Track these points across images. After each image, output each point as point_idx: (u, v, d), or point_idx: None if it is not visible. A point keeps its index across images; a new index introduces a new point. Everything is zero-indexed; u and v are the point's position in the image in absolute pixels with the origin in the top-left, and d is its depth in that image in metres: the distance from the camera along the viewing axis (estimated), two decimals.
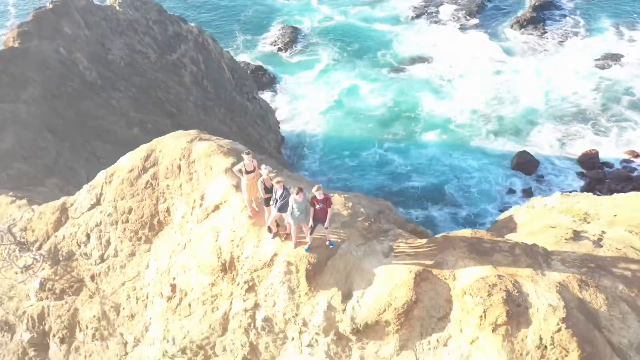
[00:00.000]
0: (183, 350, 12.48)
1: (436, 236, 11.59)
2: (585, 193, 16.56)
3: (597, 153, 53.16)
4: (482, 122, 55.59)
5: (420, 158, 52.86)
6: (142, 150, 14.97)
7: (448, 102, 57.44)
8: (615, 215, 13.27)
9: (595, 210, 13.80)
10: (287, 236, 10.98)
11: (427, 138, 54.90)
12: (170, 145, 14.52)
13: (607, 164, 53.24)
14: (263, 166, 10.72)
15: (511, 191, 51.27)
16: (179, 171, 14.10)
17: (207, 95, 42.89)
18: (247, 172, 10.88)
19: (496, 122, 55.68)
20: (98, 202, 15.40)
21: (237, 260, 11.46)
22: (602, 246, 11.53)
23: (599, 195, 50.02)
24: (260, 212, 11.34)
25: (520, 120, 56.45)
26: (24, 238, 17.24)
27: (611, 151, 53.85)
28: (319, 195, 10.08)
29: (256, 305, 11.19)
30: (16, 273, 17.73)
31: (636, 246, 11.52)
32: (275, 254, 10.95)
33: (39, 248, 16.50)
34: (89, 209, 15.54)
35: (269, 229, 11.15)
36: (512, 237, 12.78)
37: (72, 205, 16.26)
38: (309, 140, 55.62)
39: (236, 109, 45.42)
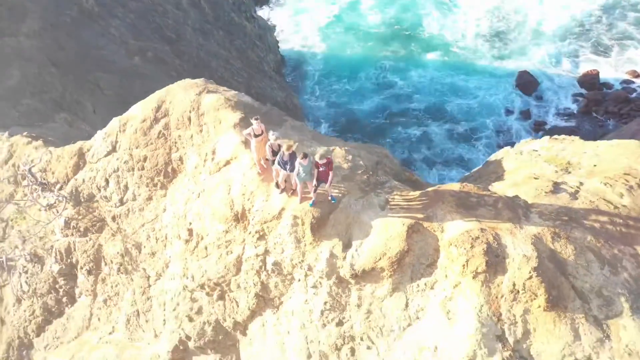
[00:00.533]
0: (202, 286, 14.13)
1: (428, 190, 12.75)
2: (572, 137, 17.47)
3: (597, 73, 53.06)
4: (485, 41, 55.03)
5: (421, 78, 52.93)
6: (152, 100, 15.74)
7: (451, 21, 56.36)
8: (595, 165, 14.37)
9: (578, 159, 14.88)
10: (294, 192, 12.16)
11: (428, 58, 54.61)
12: (180, 97, 15.28)
13: (606, 85, 53.36)
14: (271, 132, 11.63)
15: (509, 112, 52.03)
16: (189, 123, 15.00)
17: (205, 17, 42.23)
18: (256, 136, 11.82)
19: (499, 42, 55.14)
20: (114, 150, 16.43)
21: (248, 212, 12.75)
22: (577, 198, 12.75)
23: (596, 117, 50.77)
24: (268, 169, 12.42)
25: (524, 40, 55.81)
26: (44, 179, 18.44)
27: (613, 71, 53.78)
28: (322, 160, 11.11)
29: (266, 252, 12.63)
30: (39, 210, 19.15)
31: (608, 198, 12.75)
32: (283, 208, 12.20)
33: (61, 189, 17.75)
34: (106, 155, 16.60)
35: (277, 185, 12.30)
36: (498, 186, 13.98)
37: (88, 150, 17.29)
38: (309, 59, 55.28)
39: (235, 31, 44.85)
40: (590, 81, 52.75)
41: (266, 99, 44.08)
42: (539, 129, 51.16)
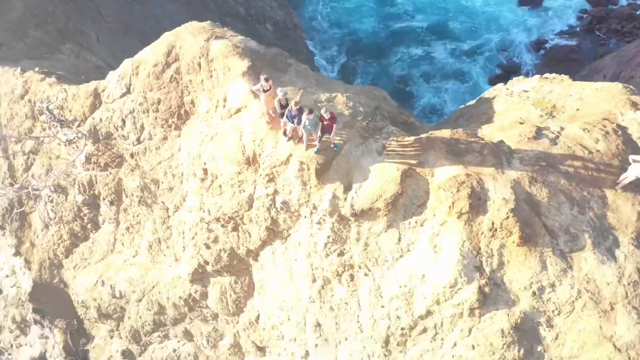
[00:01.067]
0: (217, 220, 15.82)
1: (421, 136, 14.00)
2: (562, 76, 18.34)
3: None
4: None
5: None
6: (162, 45, 16.49)
7: None
8: (577, 110, 15.49)
9: (563, 102, 15.96)
10: (300, 140, 13.44)
11: None
12: (189, 43, 16.03)
13: (612, 1, 52.58)
14: (279, 89, 12.66)
15: (513, 28, 51.86)
16: (200, 68, 15.90)
17: None
18: (265, 91, 12.86)
19: None
20: (128, 91, 17.42)
21: (258, 156, 14.10)
22: (557, 144, 14.06)
23: (598, 35, 50.42)
24: (276, 119, 13.58)
25: None
26: (62, 116, 19.56)
27: None
28: (327, 114, 12.27)
29: (275, 192, 14.16)
30: (59, 144, 20.44)
31: (584, 144, 14.06)
32: (290, 155, 13.55)
33: (79, 126, 18.93)
34: (121, 97, 17.62)
35: (284, 134, 13.54)
36: (487, 130, 15.22)
37: (103, 91, 18.26)
38: None
39: None
40: None
41: (265, 18, 43.77)
42: (540, 47, 51.24)
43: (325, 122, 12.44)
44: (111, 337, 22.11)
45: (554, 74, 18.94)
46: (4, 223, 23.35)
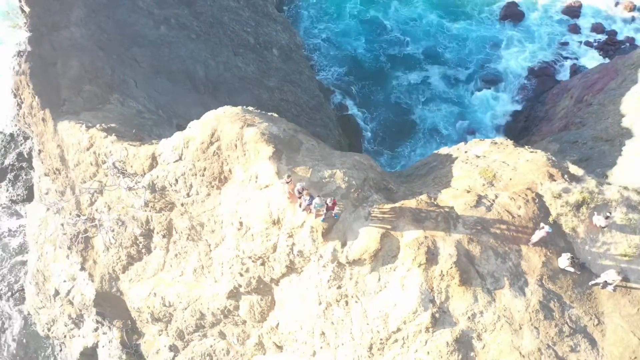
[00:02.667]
0: (249, 257, 21.85)
1: (395, 205, 19.95)
2: (507, 142, 24.19)
3: (580, 5, 57.79)
4: None
5: (406, 18, 58.11)
6: (207, 128, 22.28)
7: None
8: (510, 179, 21.43)
9: (501, 172, 21.86)
10: (311, 212, 19.37)
11: None
12: (227, 129, 21.83)
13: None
14: (299, 183, 18.56)
15: (495, 45, 57.46)
16: (236, 147, 21.71)
17: None
18: (287, 183, 18.75)
19: None
20: (180, 159, 23.24)
21: (282, 219, 20.07)
22: (490, 210, 20.05)
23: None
24: (294, 196, 19.48)
25: None
26: (124, 169, 25.37)
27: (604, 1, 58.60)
28: (330, 201, 18.19)
29: (293, 244, 20.17)
30: (121, 188, 26.28)
31: (510, 210, 20.04)
32: (304, 221, 19.53)
33: (139, 180, 24.77)
34: (174, 162, 23.45)
35: (300, 206, 19.48)
36: (444, 195, 21.15)
37: (159, 155, 24.09)
38: None
39: None
40: (573, 12, 57.66)
41: (272, 44, 49.06)
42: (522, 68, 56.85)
43: (329, 205, 18.39)
44: (159, 335, 28.37)
45: (501, 139, 24.82)
46: (71, 245, 29.36)
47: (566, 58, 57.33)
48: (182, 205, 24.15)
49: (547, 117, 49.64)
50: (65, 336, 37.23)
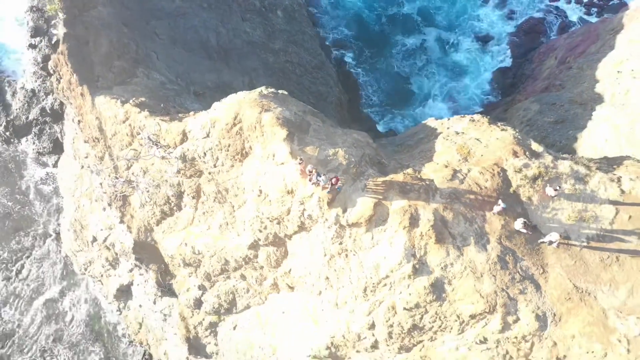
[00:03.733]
0: (267, 218, 26.85)
1: (386, 179, 24.70)
2: (483, 120, 28.52)
3: None
4: None
5: None
6: (231, 111, 26.60)
7: None
8: (482, 155, 26.05)
9: (475, 149, 26.45)
10: (318, 186, 24.13)
11: None
12: (248, 113, 26.17)
13: None
14: (309, 165, 23.17)
15: (485, 2, 60.21)
16: (255, 129, 26.15)
17: None
18: (299, 164, 23.37)
19: None
20: (208, 136, 27.70)
21: (294, 191, 24.87)
22: (463, 183, 24.84)
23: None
24: (305, 173, 24.15)
25: None
26: (158, 141, 29.85)
27: None
28: (333, 177, 22.92)
29: (304, 210, 25.09)
30: (155, 157, 30.87)
31: (479, 182, 24.83)
32: (313, 193, 24.35)
33: (171, 151, 29.32)
34: (203, 138, 27.91)
35: (310, 180, 24.21)
36: (427, 169, 25.86)
37: (189, 131, 28.49)
38: None
39: None
40: None
41: (276, 6, 51.85)
42: (511, 16, 59.74)
43: (333, 180, 23.17)
44: (190, 276, 33.96)
45: (479, 116, 29.21)
46: (111, 202, 34.33)
47: (556, 15, 60.05)
48: (209, 173, 28.88)
49: (533, 76, 53.34)
50: (102, 275, 43.11)
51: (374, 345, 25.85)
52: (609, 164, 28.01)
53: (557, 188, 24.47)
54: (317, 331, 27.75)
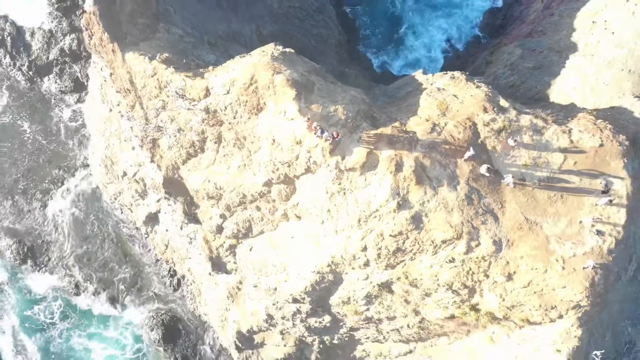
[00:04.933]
0: (279, 162, 32.57)
1: (377, 132, 30.11)
2: (462, 76, 33.40)
3: None
4: None
5: None
6: (248, 72, 31.51)
7: None
8: (457, 110, 31.29)
9: (452, 104, 31.62)
10: (322, 138, 29.60)
11: None
12: (262, 74, 31.09)
13: None
14: (315, 122, 28.46)
15: None
16: (268, 88, 31.19)
17: None
18: (307, 121, 28.68)
19: None
20: (228, 93, 32.72)
21: (302, 141, 30.40)
22: (440, 134, 30.33)
23: None
24: (311, 127, 29.51)
25: None
26: (183, 95, 34.86)
27: None
28: (335, 133, 28.37)
29: (310, 157, 30.76)
30: (182, 108, 36.00)
31: (453, 134, 30.30)
32: (317, 144, 29.91)
33: (196, 104, 34.43)
34: (224, 94, 32.95)
35: (315, 134, 29.63)
36: (411, 122, 31.23)
37: (212, 88, 33.46)
38: None
39: None
40: None
41: None
42: None
43: (334, 134, 28.67)
44: (212, 207, 40.21)
45: (458, 73, 34.15)
46: (142, 144, 39.86)
47: None
48: (229, 123, 34.21)
49: (520, 18, 56.88)
50: (131, 204, 49.53)
51: (366, 264, 32.52)
52: (565, 116, 33.47)
53: (516, 140, 30.06)
54: (320, 252, 34.34)
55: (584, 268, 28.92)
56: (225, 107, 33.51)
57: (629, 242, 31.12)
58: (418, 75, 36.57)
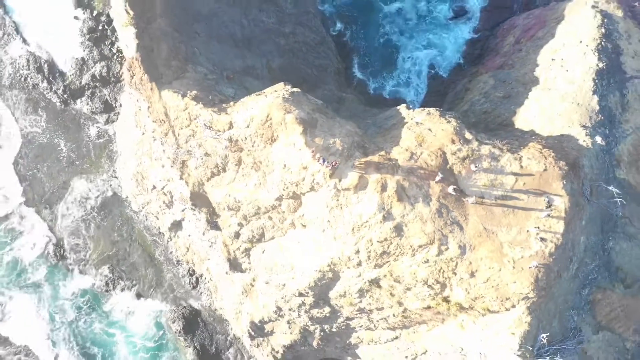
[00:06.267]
0: (289, 182, 40.60)
1: (367, 159, 38.17)
2: (434, 112, 41.46)
3: None
4: None
5: None
6: (264, 111, 39.57)
7: None
8: (431, 141, 39.35)
9: (427, 137, 39.68)
10: (324, 165, 37.63)
11: None
12: (276, 114, 39.16)
13: None
14: (318, 153, 36.50)
15: None
16: (280, 124, 39.29)
17: None
18: (312, 152, 36.75)
19: None
20: (248, 127, 40.78)
21: (308, 167, 38.48)
22: (417, 162, 38.41)
23: None
24: (315, 157, 37.53)
25: None
26: (210, 126, 42.87)
27: None
28: (334, 162, 36.44)
29: (314, 179, 38.83)
30: (208, 137, 44.03)
31: (427, 161, 38.37)
32: (320, 169, 37.99)
33: (222, 134, 42.48)
34: (244, 128, 41.01)
35: (318, 162, 37.66)
36: (394, 151, 39.32)
37: (235, 122, 41.51)
38: None
39: None
40: None
41: None
42: None
43: (334, 163, 36.78)
44: (231, 217, 48.21)
45: (433, 110, 42.23)
46: (173, 164, 47.88)
47: None
48: (248, 150, 42.29)
49: (495, 49, 64.95)
50: (157, 213, 57.50)
51: (359, 264, 40.58)
52: (519, 145, 41.61)
53: (477, 166, 38.17)
54: (321, 254, 42.38)
55: (530, 267, 36.90)
56: (246, 138, 41.59)
57: (567, 246, 39.20)
58: (402, 109, 44.65)
